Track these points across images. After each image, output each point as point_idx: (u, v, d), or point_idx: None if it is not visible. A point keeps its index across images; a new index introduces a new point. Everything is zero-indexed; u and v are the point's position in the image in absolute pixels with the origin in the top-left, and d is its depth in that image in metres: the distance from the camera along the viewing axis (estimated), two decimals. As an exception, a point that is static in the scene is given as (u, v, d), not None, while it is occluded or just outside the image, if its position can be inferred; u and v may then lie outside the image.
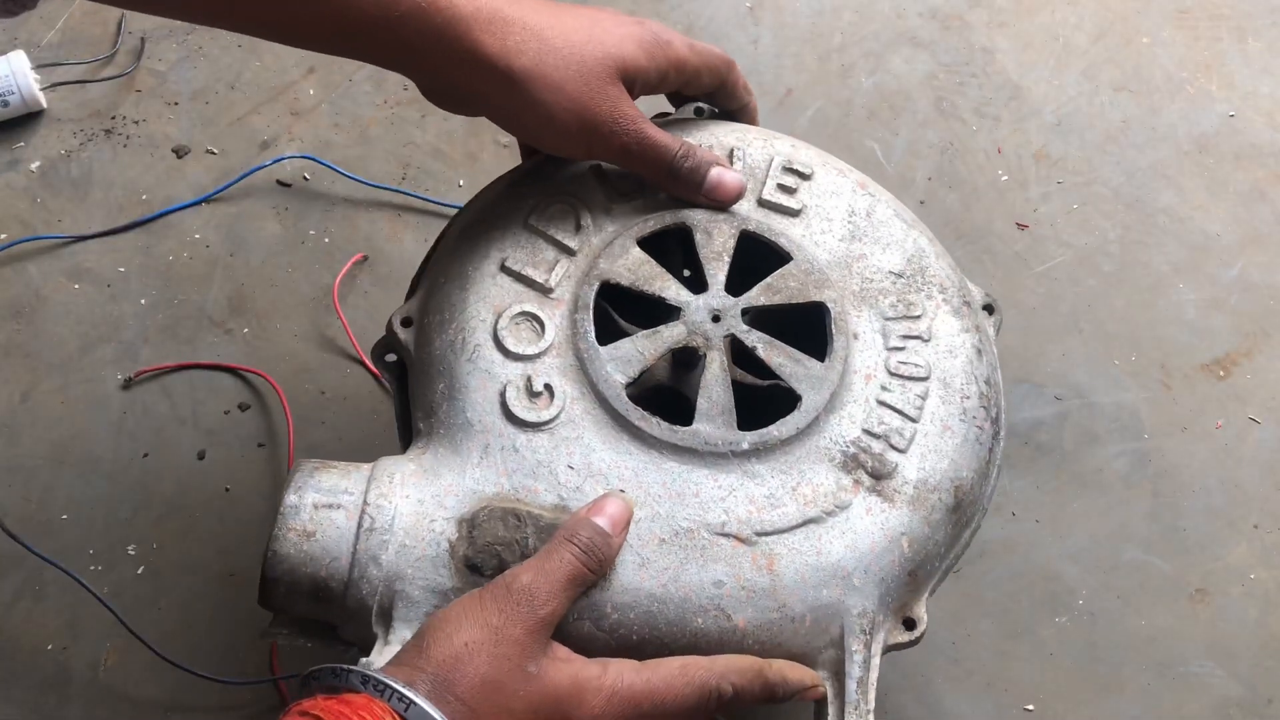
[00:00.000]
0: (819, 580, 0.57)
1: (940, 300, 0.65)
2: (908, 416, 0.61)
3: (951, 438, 0.62)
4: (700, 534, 0.57)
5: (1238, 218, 0.95)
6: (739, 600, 0.56)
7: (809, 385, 0.61)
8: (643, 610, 0.55)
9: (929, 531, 0.60)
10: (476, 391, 0.60)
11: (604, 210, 0.65)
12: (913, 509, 0.59)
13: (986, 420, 0.63)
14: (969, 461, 0.62)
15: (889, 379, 0.62)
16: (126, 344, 0.88)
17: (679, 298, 0.63)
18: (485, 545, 0.55)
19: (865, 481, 0.59)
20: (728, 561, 0.56)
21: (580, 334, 0.61)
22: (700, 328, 0.62)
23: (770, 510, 0.58)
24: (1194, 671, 0.78)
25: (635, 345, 0.61)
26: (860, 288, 0.65)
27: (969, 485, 0.62)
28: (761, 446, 0.59)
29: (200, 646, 0.77)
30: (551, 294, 0.62)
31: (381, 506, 0.56)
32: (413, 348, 0.63)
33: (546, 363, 0.60)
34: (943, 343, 0.64)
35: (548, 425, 0.59)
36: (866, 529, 0.58)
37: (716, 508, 0.58)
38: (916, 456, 0.60)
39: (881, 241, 0.66)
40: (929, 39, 1.03)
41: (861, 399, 0.61)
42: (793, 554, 0.57)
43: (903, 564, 0.59)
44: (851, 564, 0.58)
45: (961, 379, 0.63)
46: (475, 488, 0.57)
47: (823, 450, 0.60)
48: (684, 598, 0.56)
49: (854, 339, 0.63)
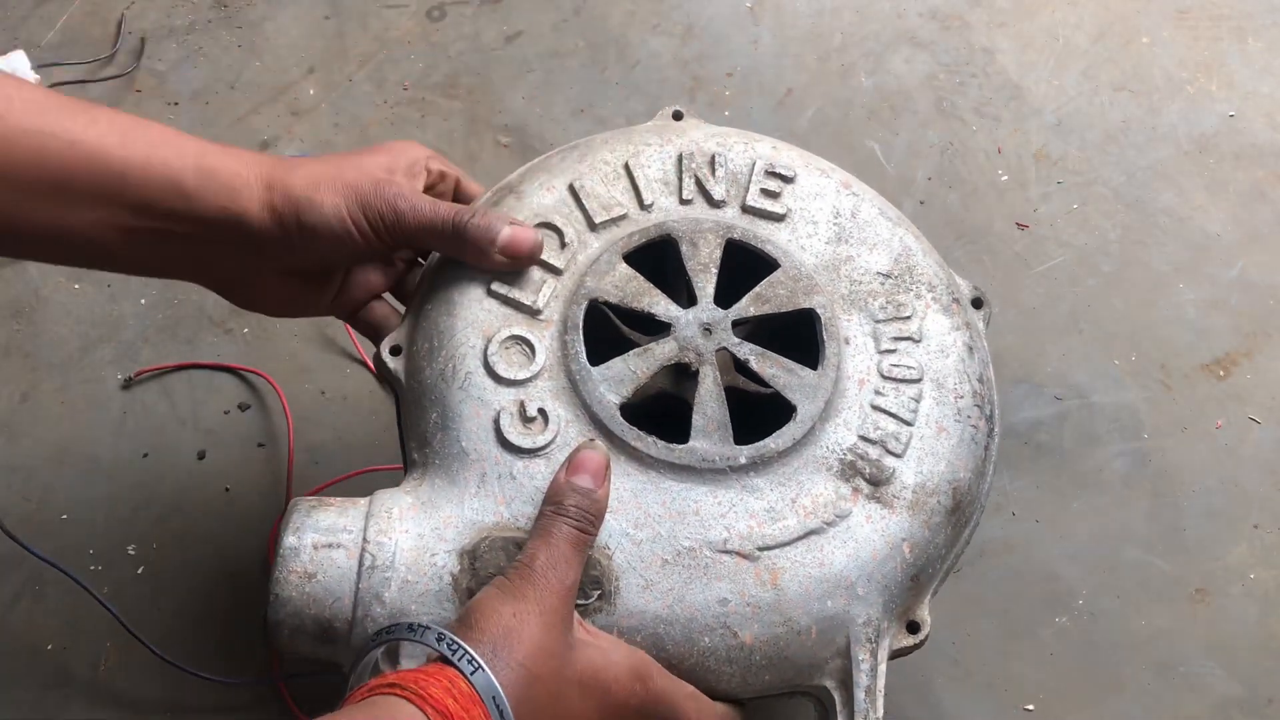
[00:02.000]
0: (823, 592, 0.57)
1: (930, 299, 0.65)
2: (903, 420, 0.61)
3: (947, 439, 0.61)
4: (703, 552, 0.57)
5: (1238, 218, 0.95)
6: (745, 616, 0.56)
7: (803, 395, 0.60)
8: (649, 632, 0.55)
9: (929, 535, 0.59)
10: (470, 420, 0.59)
11: (588, 228, 0.65)
12: (912, 514, 0.59)
13: (981, 418, 0.63)
14: (966, 461, 0.62)
15: (882, 383, 0.62)
16: (126, 344, 0.88)
17: (669, 313, 0.62)
18: (488, 576, 0.55)
19: (864, 489, 0.59)
20: (731, 579, 0.56)
21: (572, 355, 0.60)
22: (691, 343, 0.62)
23: (771, 524, 0.57)
24: (1194, 671, 0.78)
25: (627, 364, 0.61)
26: (849, 290, 0.64)
27: (967, 485, 0.61)
28: (759, 460, 0.59)
29: (200, 646, 0.77)
30: (540, 315, 0.62)
31: (382, 544, 0.56)
32: (403, 376, 0.63)
33: (539, 386, 0.60)
34: (934, 342, 0.64)
35: (544, 450, 0.58)
36: (867, 537, 0.58)
37: (717, 525, 0.57)
38: (914, 460, 0.60)
39: (868, 242, 0.66)
40: (929, 39, 1.03)
41: (856, 405, 0.61)
42: (796, 567, 0.57)
43: (905, 569, 0.59)
44: (854, 573, 0.57)
45: (954, 378, 0.63)
46: (474, 518, 0.57)
47: (820, 460, 0.59)
48: (690, 617, 0.56)
49: (845, 344, 0.62)
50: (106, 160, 0.58)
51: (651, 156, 0.67)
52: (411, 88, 1.01)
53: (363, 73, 1.01)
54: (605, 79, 1.02)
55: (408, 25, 1.05)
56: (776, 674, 0.57)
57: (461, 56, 1.03)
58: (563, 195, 0.65)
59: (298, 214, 0.60)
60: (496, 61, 1.03)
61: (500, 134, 0.99)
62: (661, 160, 0.67)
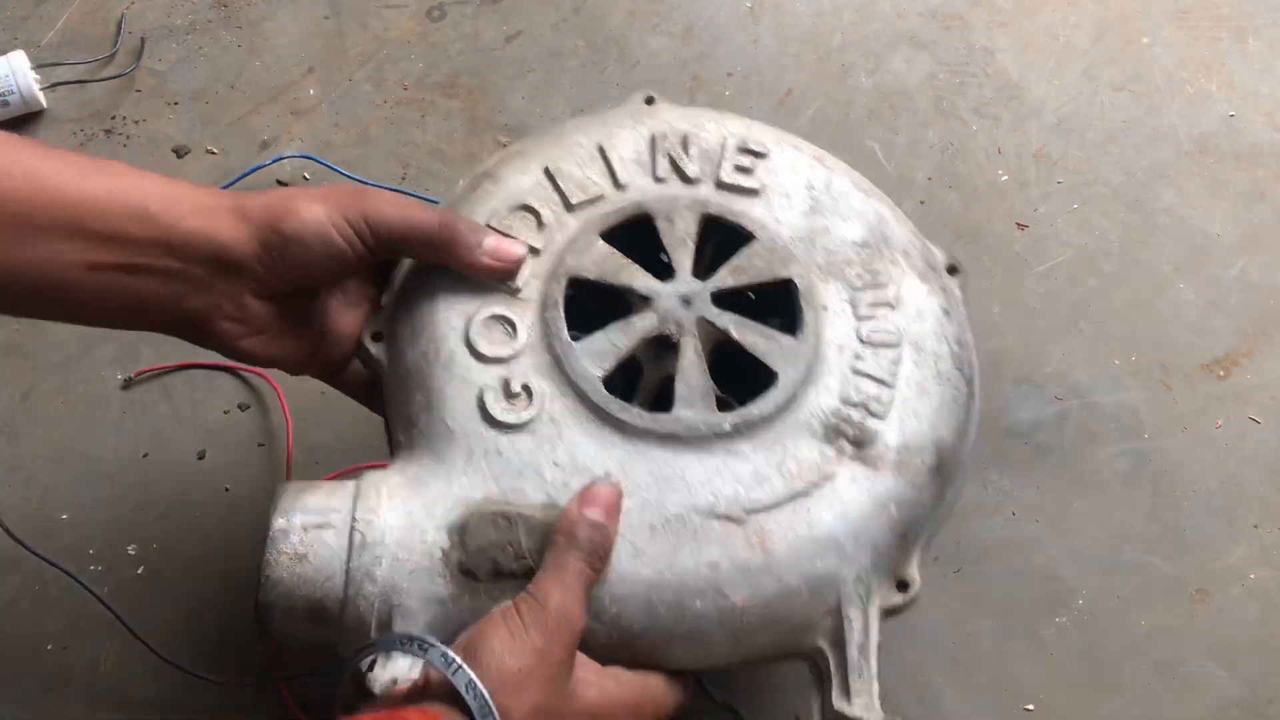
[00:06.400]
0: (812, 552, 0.57)
1: (905, 266, 0.66)
2: (884, 383, 0.62)
3: (929, 400, 0.62)
4: (691, 518, 0.57)
5: (1238, 218, 0.95)
6: (735, 579, 0.56)
7: (784, 361, 0.61)
8: (641, 599, 0.56)
9: (914, 494, 0.60)
10: (454, 399, 0.59)
11: (565, 208, 0.65)
12: (897, 473, 0.60)
13: (961, 380, 0.64)
14: (947, 421, 0.63)
15: (861, 347, 0.63)
16: (127, 344, 0.88)
17: (649, 287, 0.63)
18: (478, 549, 0.55)
19: (848, 450, 0.60)
20: (720, 543, 0.57)
21: (554, 332, 0.61)
22: (672, 314, 0.62)
23: (757, 488, 0.58)
24: (1194, 671, 0.78)
25: (609, 337, 0.61)
26: (826, 260, 0.65)
27: (949, 444, 0.62)
28: (743, 426, 0.59)
29: (200, 646, 0.77)
30: (520, 294, 0.62)
31: (371, 522, 0.56)
32: (386, 361, 0.63)
33: (522, 363, 0.60)
34: (911, 307, 0.64)
35: (529, 425, 0.59)
36: (854, 497, 0.59)
37: (704, 490, 0.58)
38: (896, 421, 0.61)
39: (842, 213, 0.67)
40: (929, 39, 1.03)
41: (837, 370, 0.62)
42: (784, 529, 0.57)
43: (892, 528, 0.59)
44: (842, 533, 0.58)
45: (932, 341, 0.64)
46: (462, 494, 0.57)
47: (804, 424, 0.60)
48: (681, 582, 0.56)
49: (824, 311, 0.63)
50: (64, 192, 0.56)
51: (625, 138, 0.68)
52: (411, 87, 1.01)
53: (362, 72, 1.01)
54: (605, 79, 1.02)
55: (407, 25, 1.05)
56: (769, 636, 0.57)
57: (461, 56, 1.03)
58: (539, 178, 0.66)
59: (275, 223, 0.59)
60: (496, 61, 1.03)
61: (500, 134, 0.99)
62: (635, 141, 0.68)
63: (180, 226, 0.57)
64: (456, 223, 0.62)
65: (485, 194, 0.66)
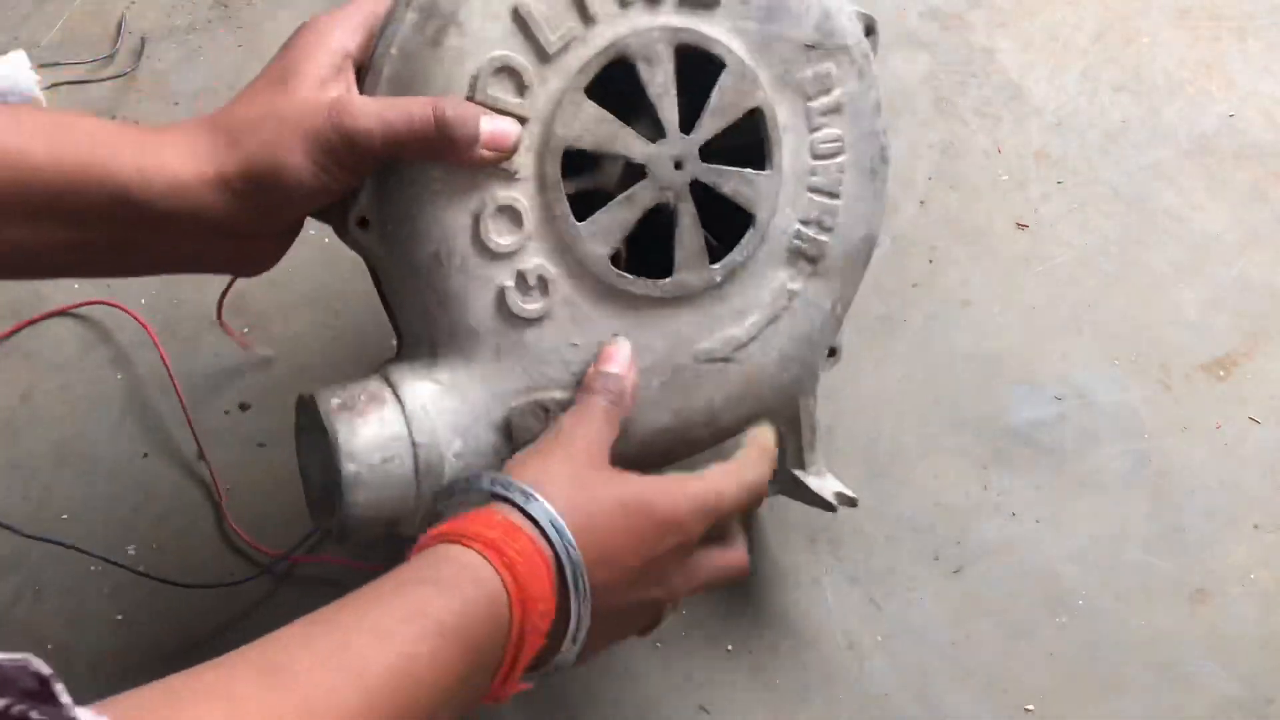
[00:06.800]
0: (782, 365, 0.66)
1: (847, 63, 0.66)
2: (833, 194, 0.65)
3: (865, 203, 0.67)
4: (691, 366, 0.64)
5: (1238, 218, 0.95)
6: (727, 406, 0.66)
7: (760, 203, 0.64)
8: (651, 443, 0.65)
9: (852, 290, 0.69)
10: (475, 300, 0.61)
11: (541, 60, 0.61)
12: (842, 279, 0.67)
13: (885, 167, 0.68)
14: (878, 214, 0.68)
15: (814, 163, 0.65)
16: (127, 344, 0.88)
17: (644, 152, 0.63)
18: (525, 444, 0.60)
19: (805, 270, 0.66)
20: (716, 382, 0.65)
21: (559, 216, 0.61)
22: (669, 181, 0.63)
23: (740, 324, 0.65)
24: (1194, 671, 0.79)
25: (612, 215, 0.62)
26: (782, 72, 0.65)
27: (876, 231, 0.69)
28: (729, 273, 0.64)
29: (200, 648, 0.77)
30: (517, 175, 0.61)
31: (430, 444, 0.59)
32: (381, 252, 0.62)
33: (530, 251, 0.62)
34: (851, 108, 0.66)
35: (548, 315, 0.62)
36: (811, 311, 0.66)
37: (701, 339, 0.64)
38: (843, 230, 0.66)
39: (794, 13, 0.65)
40: (929, 39, 1.03)
41: (794, 191, 0.65)
42: (763, 355, 0.66)
43: (835, 324, 0.69)
44: (804, 344, 0.67)
45: (867, 141, 0.67)
46: (498, 391, 0.61)
47: (773, 254, 0.65)
48: (686, 423, 0.65)
49: (785, 133, 0.65)
50: (40, 173, 0.54)
51: None
52: (411, 88, 1.01)
53: (363, 73, 1.01)
54: (605, 79, 1.02)
55: (408, 25, 1.05)
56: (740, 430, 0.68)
57: (461, 56, 1.03)
58: (508, 25, 0.61)
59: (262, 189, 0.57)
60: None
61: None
62: None
63: (158, 206, 0.56)
64: (448, 120, 0.57)
65: (456, 53, 0.60)
